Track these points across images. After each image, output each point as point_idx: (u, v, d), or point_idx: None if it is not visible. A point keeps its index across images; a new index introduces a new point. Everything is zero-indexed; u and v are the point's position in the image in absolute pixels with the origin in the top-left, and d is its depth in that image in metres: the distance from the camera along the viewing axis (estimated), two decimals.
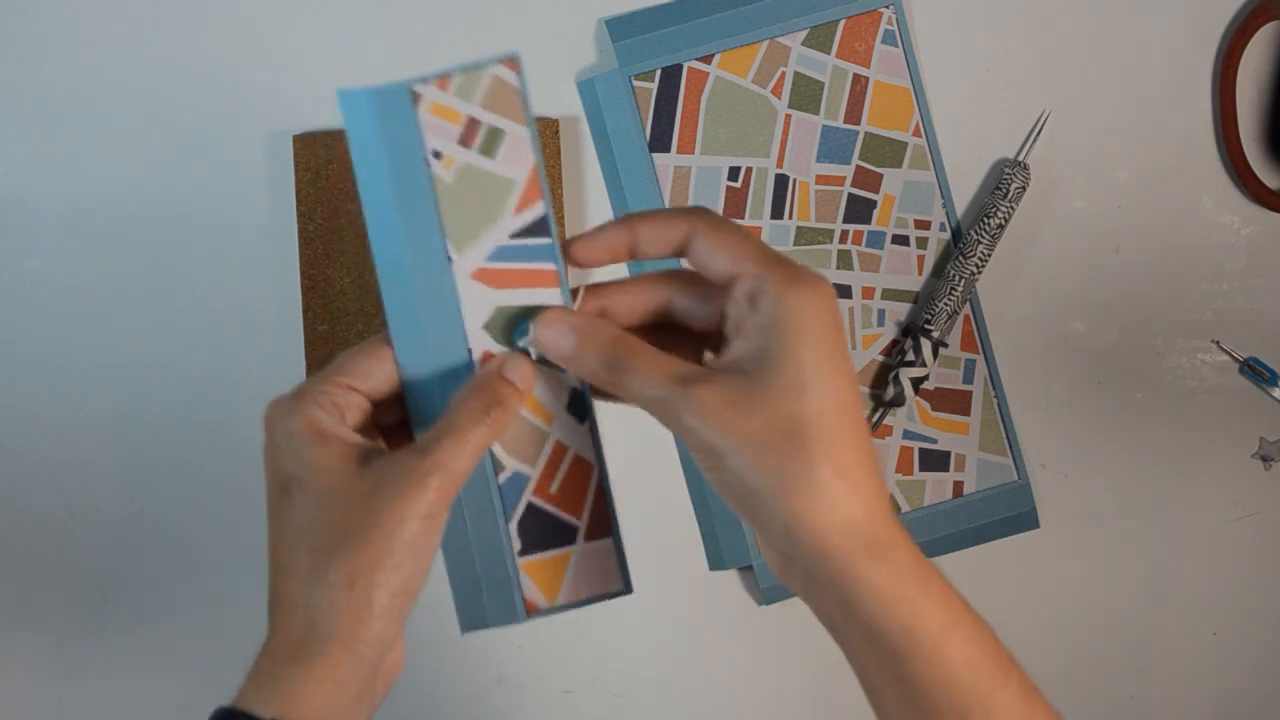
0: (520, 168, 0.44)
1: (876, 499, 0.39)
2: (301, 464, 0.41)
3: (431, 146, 0.43)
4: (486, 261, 0.44)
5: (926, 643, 0.39)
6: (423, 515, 0.40)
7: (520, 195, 0.44)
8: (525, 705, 0.72)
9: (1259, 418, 0.74)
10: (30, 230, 0.70)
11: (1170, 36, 0.74)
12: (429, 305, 0.43)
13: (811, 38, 0.71)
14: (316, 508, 0.41)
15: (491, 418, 0.42)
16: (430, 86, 0.43)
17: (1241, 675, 0.75)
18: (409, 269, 0.43)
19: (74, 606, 0.71)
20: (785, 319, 0.39)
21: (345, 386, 0.43)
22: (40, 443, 0.70)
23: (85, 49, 0.70)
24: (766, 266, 0.40)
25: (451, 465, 0.41)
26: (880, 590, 0.39)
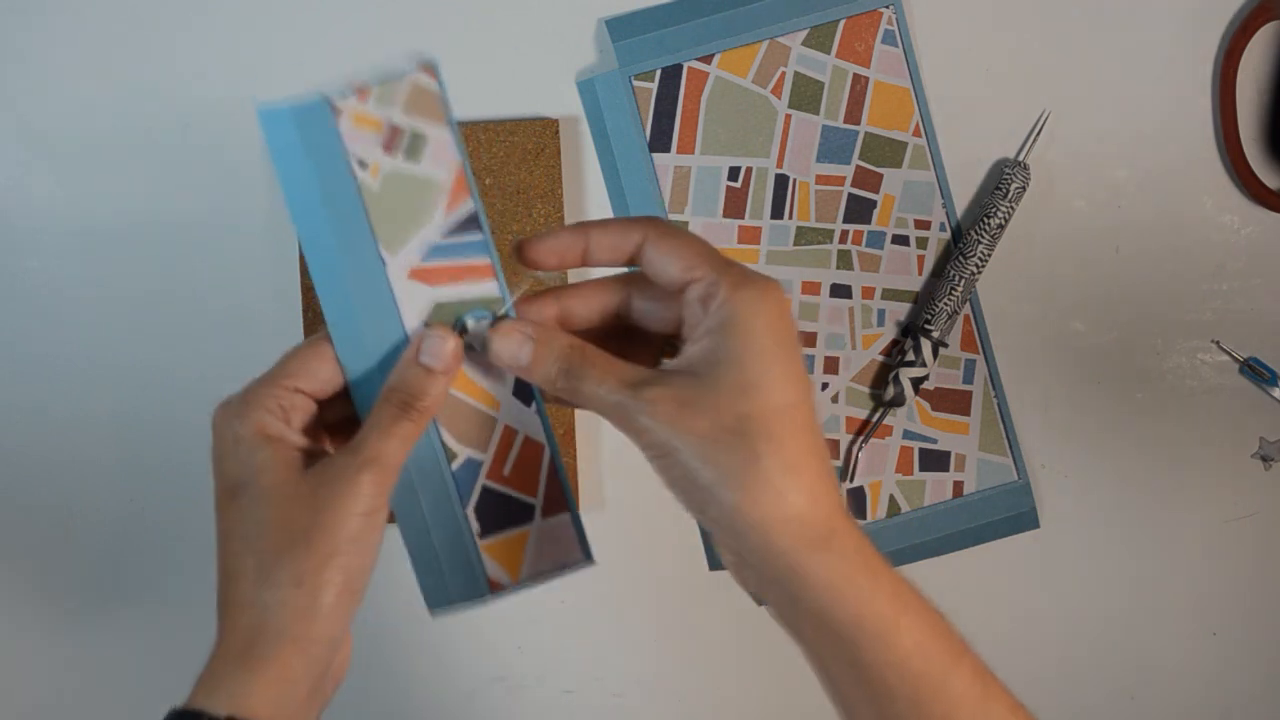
0: (446, 169, 0.45)
1: (824, 493, 0.40)
2: (248, 468, 0.42)
3: (356, 155, 0.44)
4: (421, 261, 0.45)
5: (876, 630, 0.40)
6: (362, 512, 0.41)
7: (449, 195, 0.45)
8: (525, 705, 0.72)
9: (1259, 418, 0.74)
10: (30, 230, 0.70)
11: (1170, 36, 0.74)
12: (367, 308, 0.44)
13: (811, 38, 0.71)
14: (262, 510, 0.42)
15: (414, 410, 0.43)
16: (350, 100, 0.44)
17: (1241, 675, 0.75)
18: (344, 275, 0.44)
19: (74, 606, 0.71)
20: (734, 320, 0.40)
21: (291, 389, 0.44)
22: (40, 443, 0.71)
23: (85, 49, 0.70)
24: (718, 270, 0.41)
25: (381, 459, 0.42)
26: (827, 581, 0.39)
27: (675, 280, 0.42)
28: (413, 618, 0.72)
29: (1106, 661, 0.75)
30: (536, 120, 0.70)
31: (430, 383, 0.43)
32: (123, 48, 0.70)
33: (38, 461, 0.71)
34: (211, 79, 0.71)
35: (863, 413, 0.72)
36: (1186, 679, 0.75)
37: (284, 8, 0.71)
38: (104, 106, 0.70)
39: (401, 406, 0.43)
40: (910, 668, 0.40)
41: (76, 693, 0.71)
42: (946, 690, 0.40)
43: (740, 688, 0.73)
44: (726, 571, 0.73)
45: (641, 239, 0.43)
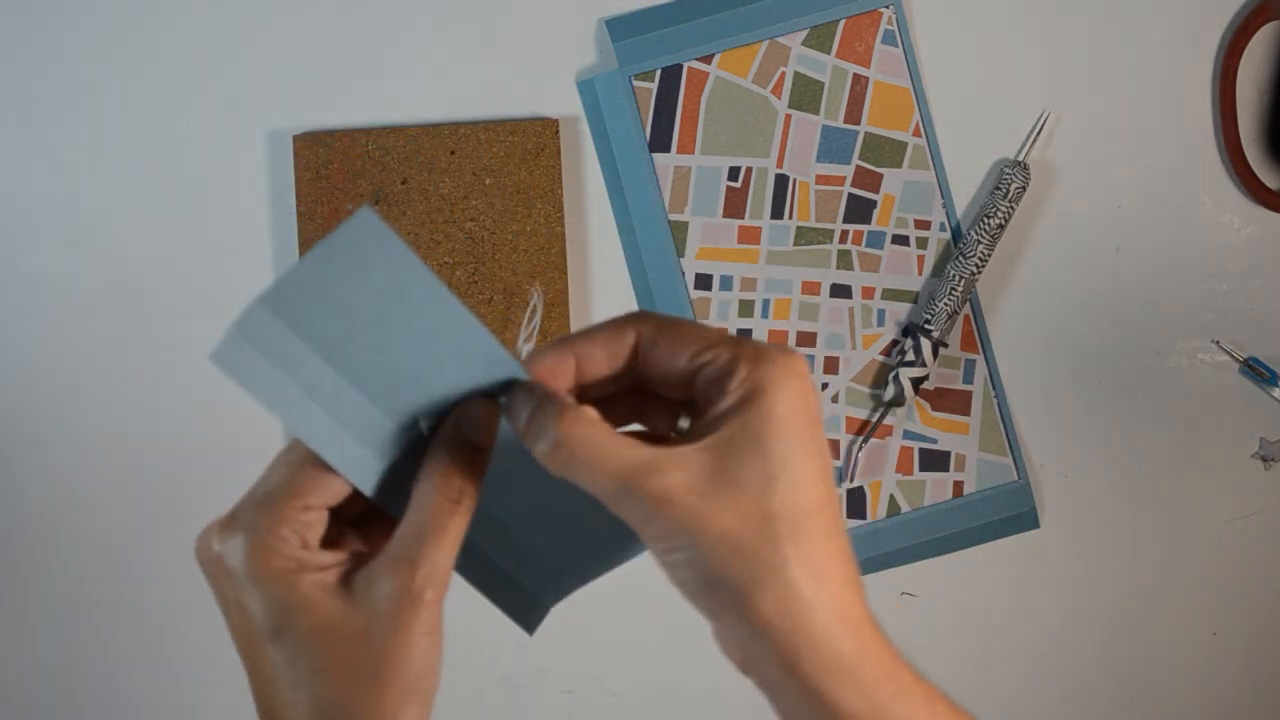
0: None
1: (852, 604, 0.36)
2: (280, 612, 0.36)
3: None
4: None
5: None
6: (426, 632, 0.37)
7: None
8: (525, 705, 0.72)
9: (1259, 418, 0.74)
10: (30, 230, 0.70)
11: (1170, 36, 0.74)
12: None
13: (811, 38, 0.71)
14: (310, 654, 0.36)
15: (465, 499, 0.38)
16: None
17: (1241, 675, 0.75)
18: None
19: (74, 607, 0.71)
20: (757, 399, 0.36)
21: (301, 508, 0.37)
22: (40, 443, 0.71)
23: (85, 48, 0.70)
24: (733, 347, 0.37)
25: (441, 567, 0.37)
26: (856, 710, 0.35)
27: (685, 370, 0.37)
28: None
29: (1106, 661, 0.75)
30: (536, 120, 0.70)
31: (479, 461, 0.38)
32: (123, 48, 0.70)
33: (38, 462, 0.71)
34: (212, 79, 0.71)
35: (863, 413, 0.72)
36: (1186, 679, 0.75)
37: (285, 7, 0.71)
38: (104, 106, 0.70)
39: (453, 499, 0.37)
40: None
41: (76, 693, 0.71)
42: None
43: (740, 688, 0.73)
44: None
45: (635, 339, 0.38)
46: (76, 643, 0.71)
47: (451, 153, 0.70)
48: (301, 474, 0.38)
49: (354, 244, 0.36)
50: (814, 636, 0.35)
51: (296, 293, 0.37)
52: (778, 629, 0.35)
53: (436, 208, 0.70)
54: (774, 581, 0.35)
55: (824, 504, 0.36)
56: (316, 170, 0.69)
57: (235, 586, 0.37)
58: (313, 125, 0.70)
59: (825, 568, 0.35)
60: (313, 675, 0.36)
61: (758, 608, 0.35)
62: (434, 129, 0.70)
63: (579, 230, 0.72)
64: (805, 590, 0.35)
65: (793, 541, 0.35)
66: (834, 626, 0.35)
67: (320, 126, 0.70)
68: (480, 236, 0.70)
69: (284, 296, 0.37)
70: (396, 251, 0.36)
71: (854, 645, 0.35)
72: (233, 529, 0.37)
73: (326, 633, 0.36)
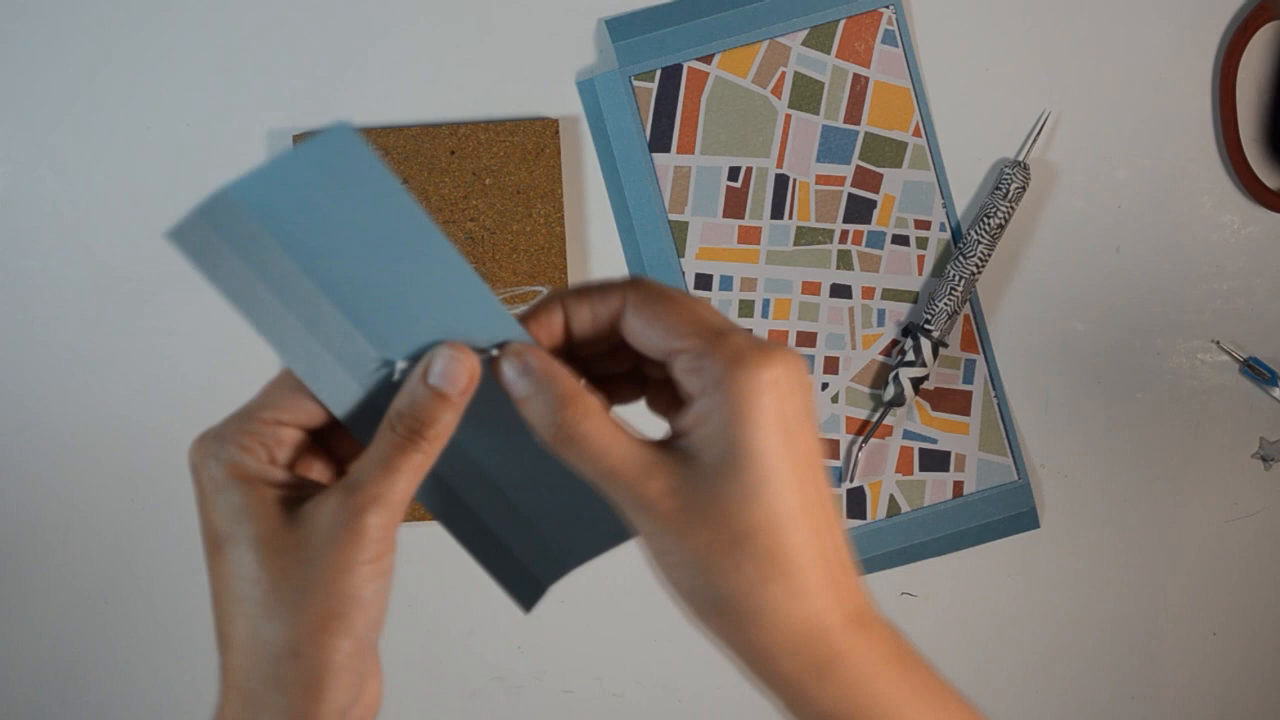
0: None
1: (835, 605, 0.36)
2: (229, 517, 0.36)
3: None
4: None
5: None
6: (369, 559, 0.36)
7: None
8: (525, 705, 0.72)
9: (1259, 418, 0.74)
10: (30, 230, 0.70)
11: (1170, 36, 0.74)
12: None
13: (811, 38, 0.71)
14: (249, 566, 0.36)
15: (422, 439, 0.37)
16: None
17: (1241, 675, 0.75)
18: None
19: (74, 606, 0.71)
20: (734, 404, 0.35)
21: (273, 422, 0.38)
22: (41, 444, 0.71)
23: (86, 49, 0.70)
24: (709, 341, 0.35)
25: (385, 497, 0.36)
26: (830, 710, 0.36)
27: (659, 350, 0.37)
28: (413, 618, 0.72)
29: (1106, 661, 0.75)
30: (536, 120, 0.70)
31: (440, 409, 0.37)
32: (124, 48, 0.70)
33: (38, 462, 0.71)
34: (212, 79, 0.71)
35: (863, 413, 0.72)
36: (1186, 679, 0.75)
37: (285, 7, 0.71)
38: (105, 106, 0.70)
39: (408, 435, 0.37)
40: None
41: (77, 692, 0.71)
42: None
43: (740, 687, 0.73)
44: None
45: (620, 304, 0.38)
46: (77, 642, 0.71)
47: (451, 153, 0.70)
48: (279, 390, 0.38)
49: (331, 157, 0.36)
50: (791, 645, 0.35)
51: (268, 188, 0.36)
52: (756, 642, 0.35)
53: (436, 208, 0.70)
54: (752, 599, 0.35)
55: (808, 509, 0.35)
56: None
57: (199, 489, 0.37)
58: (313, 125, 0.70)
59: (806, 577, 0.35)
60: (248, 585, 0.36)
61: (737, 625, 0.35)
62: (434, 129, 0.70)
63: (579, 230, 0.72)
64: (785, 605, 0.35)
65: (770, 559, 0.35)
66: (811, 633, 0.35)
67: (320, 126, 0.70)
68: (480, 236, 0.70)
69: (254, 187, 0.36)
70: (376, 173, 0.36)
71: (827, 649, 0.35)
72: (210, 436, 0.37)
73: (267, 544, 0.36)
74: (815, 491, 0.36)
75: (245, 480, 0.36)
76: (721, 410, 0.35)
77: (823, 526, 0.36)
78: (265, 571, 0.36)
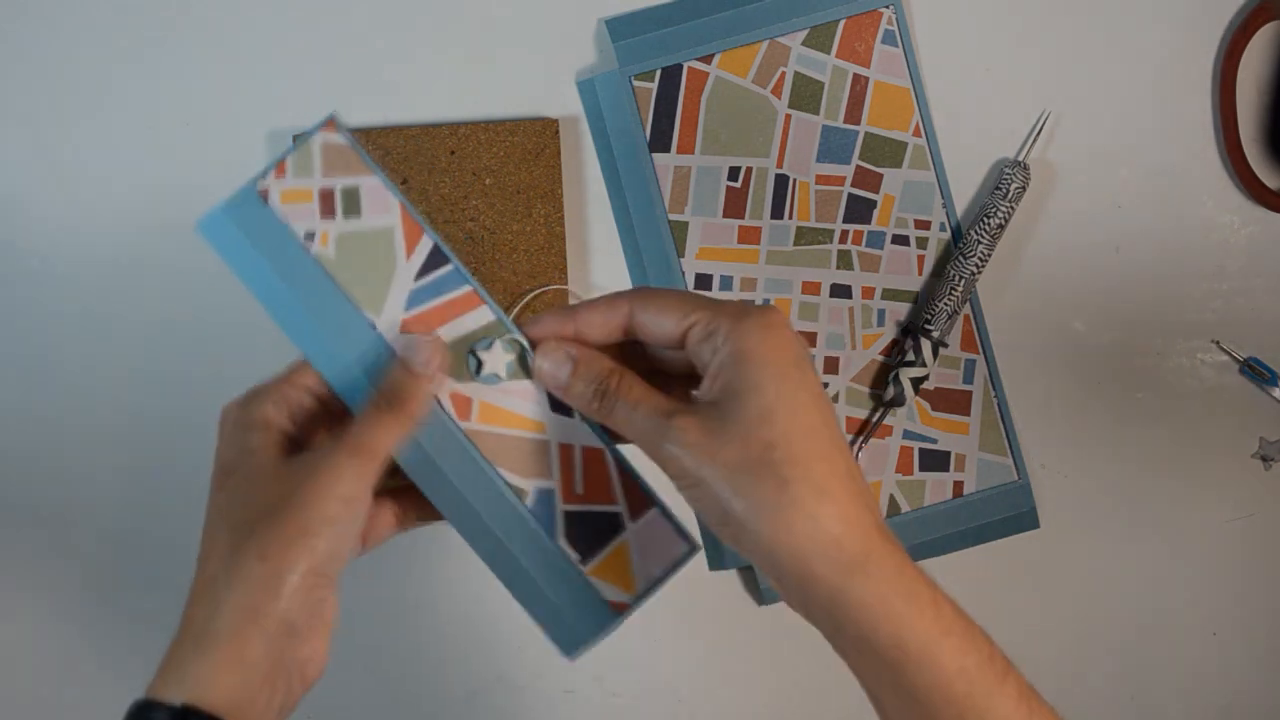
0: (388, 213, 0.45)
1: (857, 515, 0.40)
2: (240, 451, 0.43)
3: (302, 231, 0.44)
4: (406, 311, 0.45)
5: (917, 652, 0.39)
6: (341, 496, 0.41)
7: (404, 237, 0.45)
8: (525, 705, 0.72)
9: (1259, 418, 0.74)
10: (30, 230, 0.70)
11: (1170, 36, 0.74)
12: (372, 372, 0.44)
13: (811, 38, 0.71)
14: (243, 489, 0.42)
15: (396, 407, 0.43)
16: (270, 178, 0.44)
17: (1241, 675, 0.75)
18: (340, 350, 0.44)
19: (74, 606, 0.71)
20: (742, 351, 0.41)
21: (301, 386, 0.45)
22: (41, 443, 0.71)
23: (86, 49, 0.70)
24: (713, 310, 0.42)
25: (365, 448, 0.42)
26: (866, 605, 0.39)
27: (673, 333, 0.43)
28: (412, 618, 0.72)
29: (1106, 661, 0.75)
30: (536, 120, 0.70)
31: (415, 385, 0.44)
32: (124, 48, 0.70)
33: (38, 462, 0.71)
34: (212, 79, 0.71)
35: (863, 413, 0.72)
36: (1186, 679, 0.75)
37: (285, 7, 0.71)
38: (104, 107, 0.70)
39: (386, 404, 0.43)
40: (955, 690, 0.39)
41: (77, 692, 0.71)
42: (992, 713, 0.40)
43: (740, 687, 0.73)
44: (726, 572, 0.73)
45: (628, 307, 0.44)
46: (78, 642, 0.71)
47: (451, 153, 0.70)
48: (305, 364, 0.45)
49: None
50: (822, 543, 0.39)
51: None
52: (789, 544, 0.39)
53: (436, 208, 0.70)
54: (779, 503, 0.39)
55: (818, 428, 0.40)
56: None
57: (221, 434, 0.44)
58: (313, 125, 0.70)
59: (827, 483, 0.39)
60: (235, 508, 0.42)
61: (770, 529, 0.39)
62: (434, 129, 0.70)
63: (579, 230, 0.72)
64: (810, 505, 0.39)
65: (792, 464, 0.39)
66: (840, 533, 0.39)
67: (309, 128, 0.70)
68: (480, 236, 0.70)
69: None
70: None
71: (860, 547, 0.39)
72: (245, 394, 0.45)
73: (261, 474, 0.42)
74: (827, 418, 0.41)
75: (264, 425, 0.43)
76: (733, 358, 0.41)
77: (839, 446, 0.40)
78: (256, 493, 0.42)
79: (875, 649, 0.39)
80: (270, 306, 0.44)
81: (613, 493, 0.46)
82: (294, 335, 0.44)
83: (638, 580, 0.45)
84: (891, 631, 0.39)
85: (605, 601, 0.45)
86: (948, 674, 0.39)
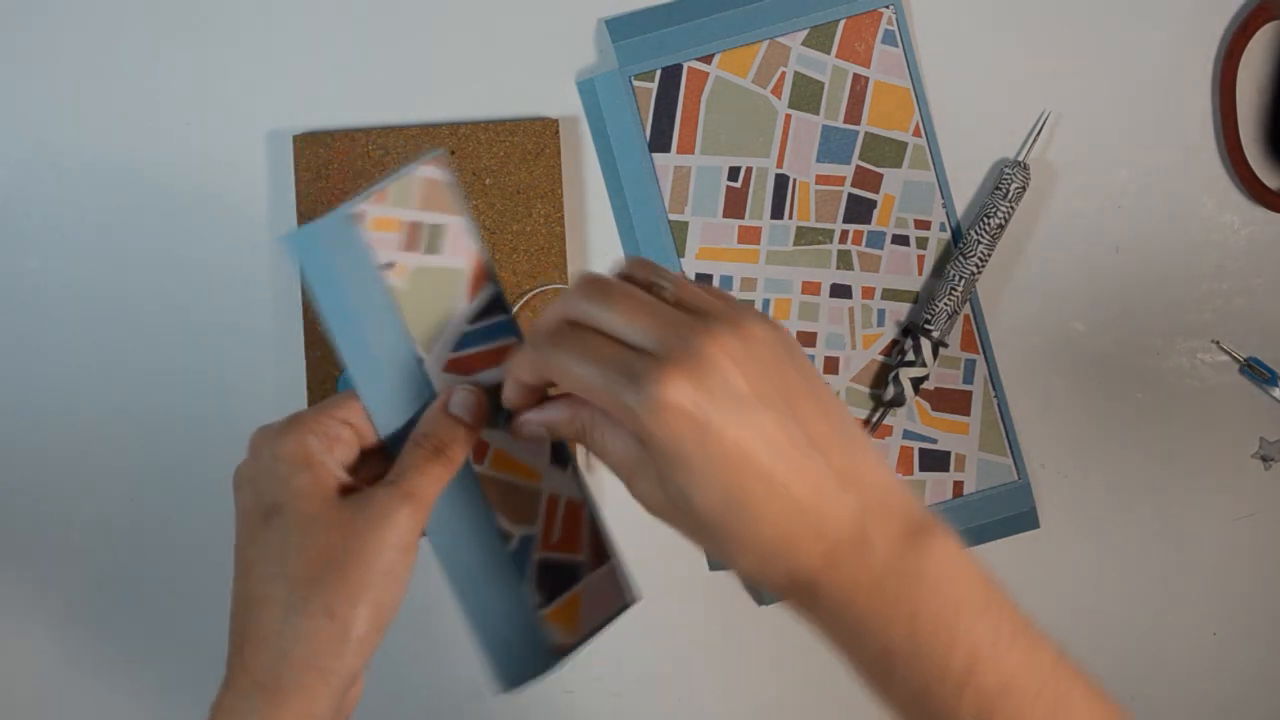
0: (465, 256, 0.46)
1: (805, 555, 0.39)
2: (286, 489, 0.42)
3: (382, 259, 0.45)
4: (453, 352, 0.46)
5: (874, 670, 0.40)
6: (396, 545, 0.41)
7: (470, 281, 0.46)
8: (524, 705, 0.72)
9: (1259, 418, 0.74)
10: (30, 230, 0.70)
11: (1170, 37, 0.74)
12: (408, 404, 0.45)
13: (811, 38, 0.71)
14: (297, 536, 0.41)
15: (445, 455, 0.44)
16: (369, 203, 0.44)
17: (1241, 675, 0.75)
18: (384, 377, 0.45)
19: (74, 606, 0.71)
20: (646, 441, 0.39)
21: (341, 420, 0.44)
22: (40, 443, 0.71)
23: (86, 49, 0.70)
24: (613, 386, 0.39)
25: (418, 495, 0.42)
26: (824, 627, 0.41)
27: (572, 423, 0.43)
28: (412, 618, 0.72)
29: (1106, 661, 0.75)
30: (536, 120, 0.70)
31: (459, 432, 0.44)
32: (124, 48, 0.70)
33: (38, 461, 0.71)
34: (212, 79, 0.71)
35: (863, 413, 0.72)
36: (1186, 679, 0.75)
37: (285, 8, 0.71)
38: (104, 107, 0.70)
39: (435, 451, 0.43)
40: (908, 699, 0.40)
41: (77, 693, 0.71)
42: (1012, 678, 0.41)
43: (740, 688, 0.73)
44: (726, 572, 0.73)
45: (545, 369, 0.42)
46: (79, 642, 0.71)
47: (451, 153, 0.70)
48: (346, 398, 0.44)
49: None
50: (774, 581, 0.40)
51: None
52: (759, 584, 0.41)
53: None
54: (730, 556, 0.40)
55: (742, 487, 0.38)
56: (316, 170, 0.69)
57: (256, 464, 0.43)
58: (313, 125, 0.70)
59: (765, 541, 0.39)
60: (291, 556, 0.41)
61: (741, 574, 0.41)
62: (434, 129, 0.70)
63: (579, 230, 0.72)
64: (753, 562, 0.40)
65: (726, 536, 0.39)
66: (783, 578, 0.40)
67: (320, 126, 0.70)
68: (480, 236, 0.70)
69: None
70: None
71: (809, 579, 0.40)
72: (282, 421, 0.43)
73: (314, 520, 0.41)
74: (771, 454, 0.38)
75: (309, 462, 0.42)
76: (647, 446, 0.39)
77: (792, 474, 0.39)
78: (314, 542, 0.41)
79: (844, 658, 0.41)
80: (333, 323, 0.44)
81: (580, 544, 0.48)
82: (346, 354, 0.44)
83: (581, 626, 0.47)
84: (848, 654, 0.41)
85: (551, 644, 0.47)
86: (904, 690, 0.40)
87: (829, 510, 0.39)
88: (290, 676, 0.40)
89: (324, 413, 0.44)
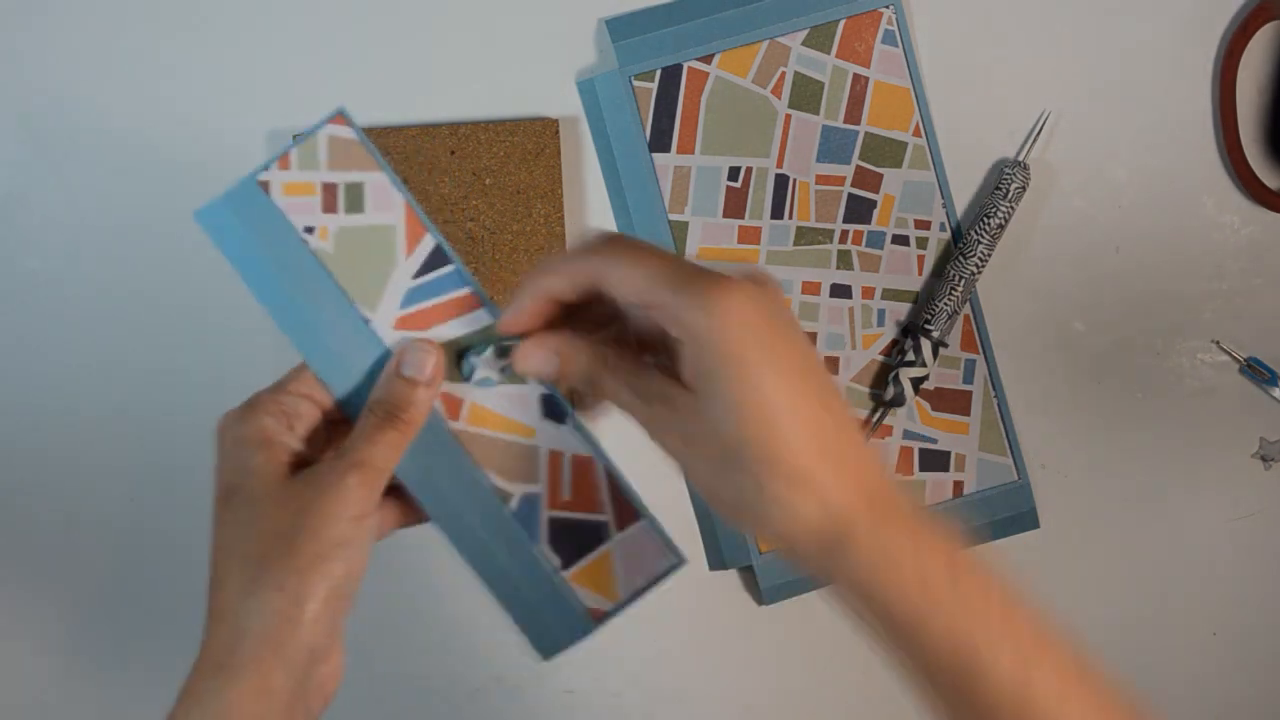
0: (393, 210, 0.45)
1: (840, 492, 0.39)
2: (242, 471, 0.42)
3: (301, 224, 0.44)
4: (401, 309, 0.45)
5: (905, 625, 0.39)
6: (350, 516, 0.41)
7: (405, 235, 0.45)
8: (525, 705, 0.72)
9: (1259, 418, 0.74)
10: (30, 230, 0.70)
11: (1170, 36, 0.74)
12: (365, 369, 0.44)
13: (811, 38, 0.71)
14: (250, 514, 0.41)
15: (398, 419, 0.43)
16: (274, 170, 0.44)
17: (1241, 675, 0.75)
18: (333, 345, 0.44)
19: (74, 606, 0.71)
20: (700, 341, 0.39)
21: (299, 394, 0.44)
22: (40, 443, 0.70)
23: (86, 49, 0.70)
24: (674, 288, 0.39)
25: (368, 463, 0.42)
26: (853, 583, 0.39)
27: (635, 304, 0.41)
28: (412, 618, 0.72)
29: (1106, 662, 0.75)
30: (536, 120, 0.70)
31: (413, 394, 0.43)
32: (123, 47, 0.70)
33: (38, 461, 0.71)
34: (212, 79, 0.71)
35: (863, 413, 0.72)
36: (1186, 679, 0.75)
37: (285, 8, 0.71)
38: (104, 107, 0.70)
39: (386, 416, 0.43)
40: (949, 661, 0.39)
41: (77, 692, 0.71)
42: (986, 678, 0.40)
43: (740, 688, 0.73)
44: (726, 572, 0.73)
45: (593, 275, 0.41)
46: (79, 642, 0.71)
47: (451, 153, 0.70)
48: (305, 370, 0.44)
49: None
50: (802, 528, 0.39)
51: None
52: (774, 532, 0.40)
53: (436, 208, 0.70)
54: (758, 500, 0.39)
55: (790, 409, 0.39)
56: None
57: (220, 449, 0.43)
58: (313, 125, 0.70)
59: (804, 470, 0.39)
60: (245, 534, 0.41)
61: (753, 521, 0.40)
62: (434, 129, 0.70)
63: (579, 230, 0.72)
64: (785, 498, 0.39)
65: (763, 462, 0.39)
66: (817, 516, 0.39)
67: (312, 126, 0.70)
68: (480, 236, 0.70)
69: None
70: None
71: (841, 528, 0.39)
72: (241, 406, 0.43)
73: (267, 498, 0.41)
74: (798, 391, 0.39)
75: (265, 442, 0.42)
76: (694, 349, 0.39)
77: (820, 417, 0.39)
78: (264, 519, 0.41)
79: (869, 623, 0.40)
80: (264, 299, 0.44)
81: (600, 502, 0.46)
82: (287, 329, 0.44)
83: (619, 589, 0.46)
84: (879, 605, 0.39)
85: (585, 608, 0.46)
86: (935, 649, 0.39)
87: (870, 453, 0.40)
88: (245, 652, 0.40)
89: (281, 390, 0.44)
